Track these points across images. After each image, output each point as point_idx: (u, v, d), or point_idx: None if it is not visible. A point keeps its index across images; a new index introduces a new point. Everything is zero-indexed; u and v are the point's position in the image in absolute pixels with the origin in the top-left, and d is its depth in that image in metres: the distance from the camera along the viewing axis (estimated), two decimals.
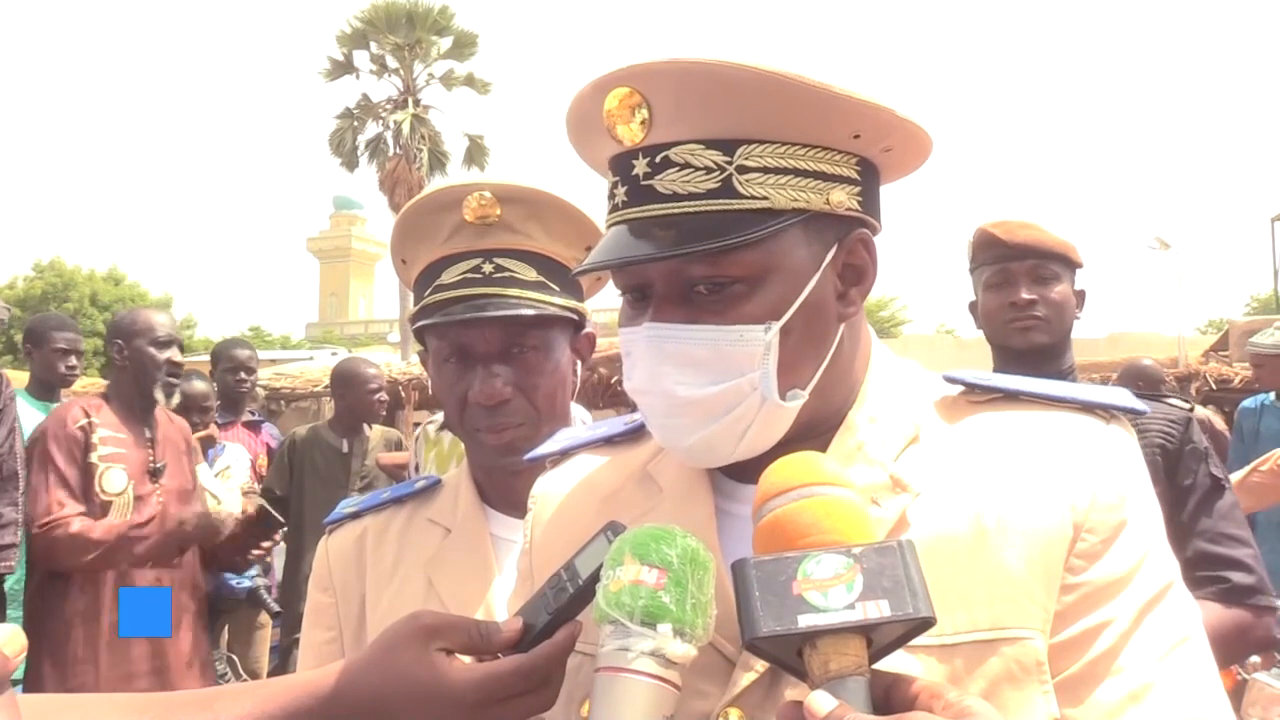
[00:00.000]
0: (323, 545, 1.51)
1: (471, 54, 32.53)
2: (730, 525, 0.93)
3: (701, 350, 0.88)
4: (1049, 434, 0.91)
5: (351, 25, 32.13)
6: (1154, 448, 2.16)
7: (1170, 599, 0.87)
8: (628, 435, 1.09)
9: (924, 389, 0.98)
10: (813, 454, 0.82)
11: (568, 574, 0.87)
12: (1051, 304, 2.31)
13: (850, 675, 0.70)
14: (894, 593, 0.70)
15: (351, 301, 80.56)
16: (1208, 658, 0.87)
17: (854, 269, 0.94)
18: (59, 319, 4.93)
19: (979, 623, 0.83)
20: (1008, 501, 0.87)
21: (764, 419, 0.90)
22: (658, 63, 0.87)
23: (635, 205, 0.90)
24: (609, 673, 0.78)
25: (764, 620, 0.70)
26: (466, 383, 1.40)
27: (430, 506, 1.49)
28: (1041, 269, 2.33)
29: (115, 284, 36.66)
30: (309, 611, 1.49)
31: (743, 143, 0.88)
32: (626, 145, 0.90)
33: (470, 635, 0.86)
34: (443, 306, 1.40)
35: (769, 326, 0.88)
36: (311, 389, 11.16)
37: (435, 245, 1.43)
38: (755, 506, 0.78)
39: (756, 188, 0.87)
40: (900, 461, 0.91)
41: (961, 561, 0.84)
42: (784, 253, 0.89)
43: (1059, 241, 2.34)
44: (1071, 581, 0.85)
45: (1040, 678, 0.83)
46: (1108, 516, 0.87)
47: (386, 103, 32.35)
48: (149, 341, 3.53)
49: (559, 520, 1.05)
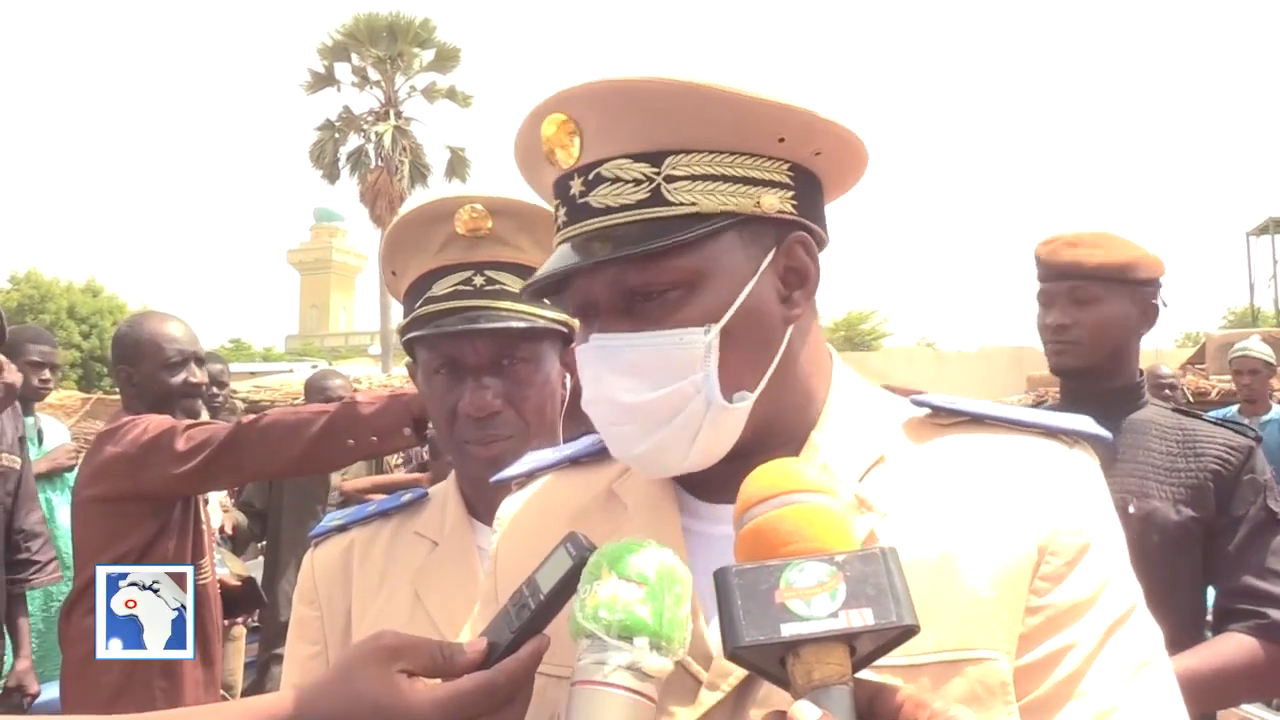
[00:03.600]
0: (308, 558, 1.50)
1: (453, 67, 32.53)
2: (697, 544, 0.93)
3: (644, 356, 0.90)
4: (1014, 458, 0.92)
5: (333, 38, 32.07)
6: (1207, 473, 2.12)
7: (1133, 622, 0.88)
8: (593, 455, 1.09)
9: (890, 411, 0.99)
10: (794, 461, 0.82)
11: (529, 590, 0.86)
12: (1089, 326, 2.26)
13: (834, 684, 0.70)
14: (878, 601, 0.70)
15: (332, 314, 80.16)
16: (1171, 681, 0.87)
17: (795, 272, 0.95)
18: (34, 331, 4.85)
19: (945, 643, 0.83)
20: (973, 523, 0.88)
21: (712, 423, 0.90)
22: (578, 86, 0.90)
23: (574, 223, 0.93)
24: (585, 686, 0.78)
25: (746, 629, 0.70)
26: (456, 395, 1.40)
27: (417, 520, 1.49)
28: (1080, 291, 2.27)
29: (93, 296, 36.29)
30: (294, 625, 1.48)
31: (669, 153, 0.90)
32: (564, 168, 0.94)
33: (433, 656, 0.85)
34: (434, 318, 1.40)
35: (708, 328, 0.89)
36: (291, 401, 11.10)
37: (426, 257, 1.43)
38: (736, 514, 0.78)
39: (684, 195, 0.89)
40: (866, 482, 0.91)
41: (927, 582, 0.84)
42: (718, 257, 0.90)
43: (1108, 261, 2.26)
44: (1036, 604, 0.86)
45: (1005, 699, 0.83)
46: (1071, 540, 0.88)
47: (368, 115, 32.29)
48: (158, 365, 2.93)
49: (524, 542, 1.05)
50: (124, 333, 3.04)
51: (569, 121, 0.91)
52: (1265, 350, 5.99)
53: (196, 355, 3.03)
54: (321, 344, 65.26)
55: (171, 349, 2.95)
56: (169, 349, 2.94)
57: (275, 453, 2.43)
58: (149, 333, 2.97)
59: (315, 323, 78.53)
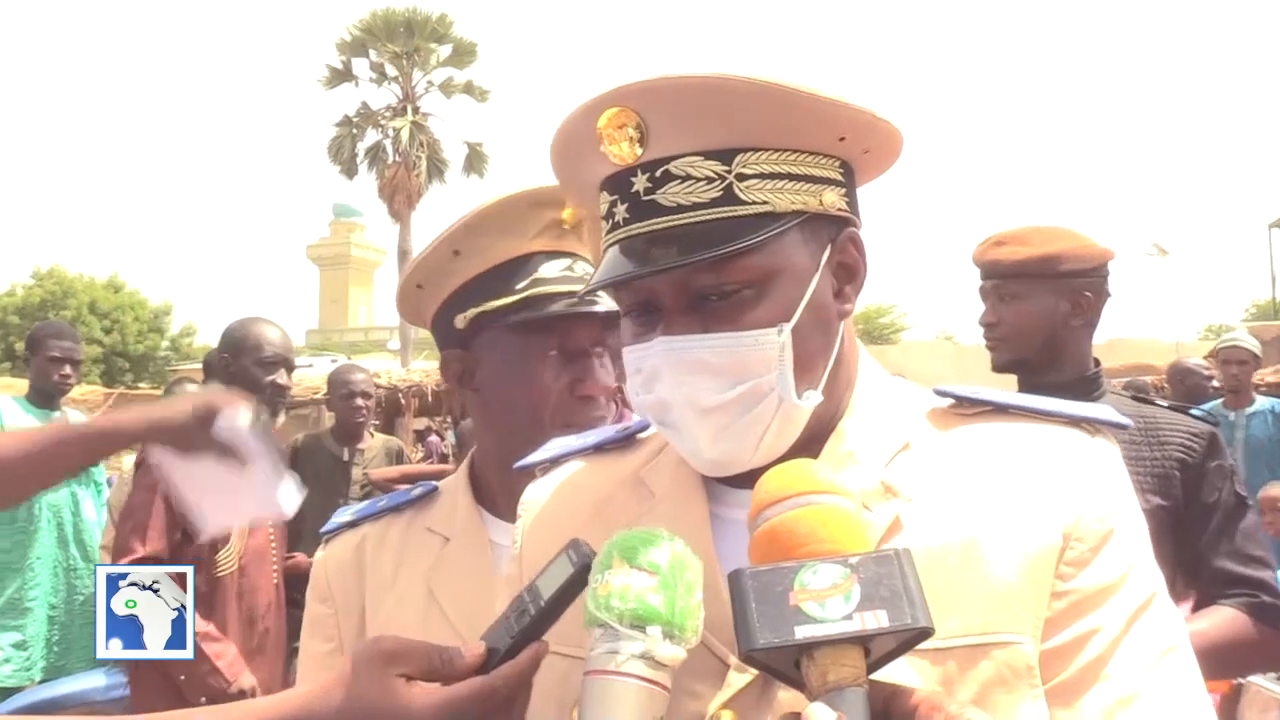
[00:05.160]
0: (320, 555, 1.49)
1: (470, 62, 32.63)
2: (724, 530, 0.94)
3: (719, 357, 0.89)
4: (1038, 445, 0.93)
5: (351, 33, 32.22)
6: (1172, 461, 2.12)
7: (1156, 608, 0.88)
8: (618, 442, 1.10)
9: (914, 401, 1.00)
10: (808, 462, 0.82)
11: (530, 595, 0.86)
12: (1011, 323, 2.32)
13: (849, 686, 0.69)
14: (892, 603, 0.69)
15: (351, 308, 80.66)
16: (1194, 667, 0.88)
17: (846, 268, 0.97)
18: (57, 327, 4.89)
19: (970, 627, 0.83)
20: (998, 509, 0.89)
21: (781, 421, 0.91)
22: (652, 80, 0.88)
23: (639, 221, 0.91)
24: (598, 676, 0.78)
25: (760, 632, 0.70)
26: (570, 374, 1.41)
27: (428, 515, 1.48)
28: (1002, 288, 2.33)
29: (115, 291, 36.55)
30: (307, 622, 1.48)
31: (739, 151, 0.89)
32: (622, 163, 0.92)
33: (431, 660, 0.85)
34: (548, 300, 1.41)
35: (781, 328, 0.89)
36: (311, 396, 11.15)
37: (522, 239, 1.43)
38: (751, 515, 0.78)
39: (756, 193, 0.89)
40: (891, 468, 0.92)
41: (953, 567, 0.85)
42: (786, 255, 0.91)
43: (1027, 257, 2.30)
44: (1061, 589, 0.86)
45: (1030, 681, 0.84)
46: (1095, 526, 0.88)
47: (386, 110, 32.44)
48: (255, 361, 3.28)
49: (549, 527, 1.05)
50: (236, 326, 3.40)
51: (626, 114, 0.90)
52: (1253, 343, 6.00)
53: (289, 361, 3.38)
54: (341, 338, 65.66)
55: (270, 350, 3.30)
56: (268, 349, 3.30)
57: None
58: (255, 331, 3.34)
59: (334, 317, 79.04)
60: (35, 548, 4.30)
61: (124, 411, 0.77)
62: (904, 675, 0.75)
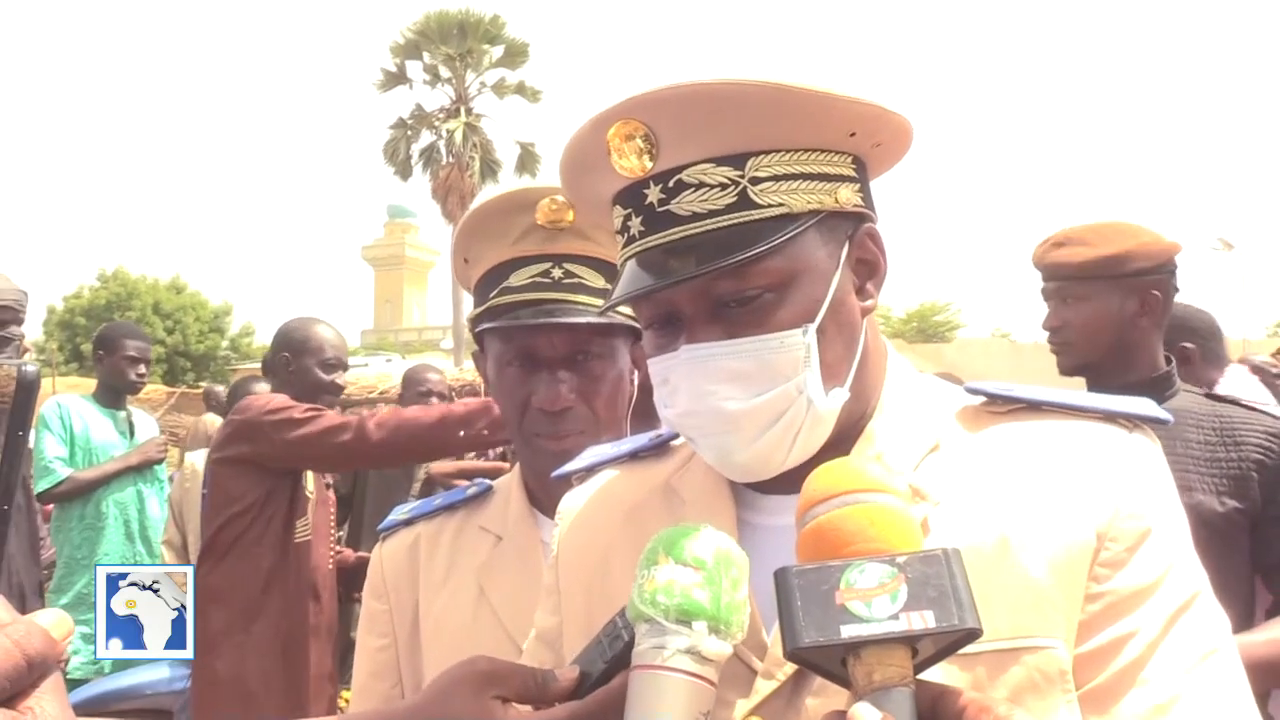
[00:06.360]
0: (376, 552, 1.52)
1: (523, 62, 32.81)
2: (752, 535, 0.93)
3: (745, 363, 0.89)
4: (1072, 443, 0.91)
5: (404, 36, 32.57)
6: (1249, 461, 2.05)
7: (1198, 609, 0.86)
8: (652, 450, 1.10)
9: (945, 399, 0.98)
10: (857, 459, 0.82)
11: (622, 621, 0.86)
12: (1078, 327, 2.26)
13: (895, 686, 0.69)
14: (939, 603, 0.69)
15: (405, 308, 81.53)
16: (1238, 670, 0.85)
17: (866, 263, 0.96)
18: (130, 327, 5.03)
19: (1001, 631, 0.82)
20: (1030, 510, 0.87)
21: (811, 422, 0.90)
22: (658, 90, 0.88)
23: (655, 232, 0.91)
24: (645, 670, 0.78)
25: (806, 630, 0.70)
26: (529, 387, 1.39)
27: (482, 514, 1.49)
28: (1065, 290, 2.28)
29: (177, 292, 37.34)
30: (364, 618, 1.51)
31: (750, 155, 0.89)
32: (634, 176, 0.91)
33: (527, 683, 0.85)
34: (510, 309, 1.39)
35: (806, 329, 0.89)
36: (366, 395, 11.31)
37: (503, 246, 1.42)
38: (798, 514, 0.78)
39: (772, 196, 0.89)
40: (920, 470, 0.91)
41: (983, 570, 0.83)
42: (805, 256, 0.90)
43: (1092, 258, 2.24)
44: (1096, 590, 0.84)
45: (1064, 687, 0.82)
46: (1131, 525, 0.86)
47: (439, 112, 32.74)
48: (317, 362, 3.39)
49: (584, 534, 1.06)
50: (295, 327, 3.50)
51: (634, 125, 0.89)
52: None
53: (345, 363, 3.53)
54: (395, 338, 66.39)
55: (330, 352, 3.43)
56: (329, 351, 3.43)
57: (399, 452, 3.04)
58: (316, 332, 3.46)
59: (389, 317, 79.93)
60: (103, 544, 4.39)
61: None
62: (933, 678, 0.74)
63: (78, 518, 4.41)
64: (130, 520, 4.51)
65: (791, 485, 0.82)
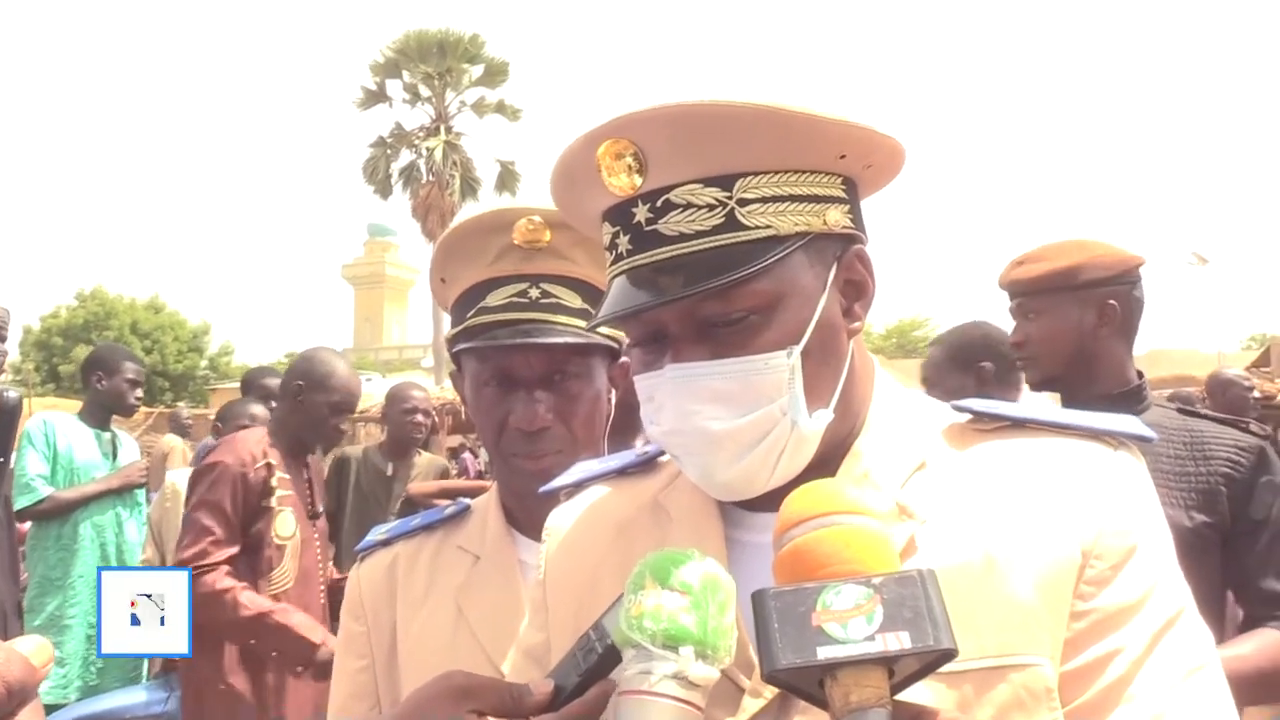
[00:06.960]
0: (354, 573, 1.51)
1: (502, 81, 32.92)
2: (740, 553, 0.94)
3: (729, 384, 0.89)
4: (1057, 460, 0.91)
5: (384, 55, 32.63)
6: (1218, 476, 2.06)
7: (1182, 626, 0.86)
8: (640, 466, 1.10)
9: (931, 417, 0.99)
10: (834, 481, 0.82)
11: (596, 634, 0.86)
12: (1038, 340, 2.31)
13: (872, 707, 0.69)
14: (915, 624, 0.69)
15: (385, 327, 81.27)
16: (1222, 686, 0.86)
17: (854, 285, 0.96)
18: (125, 350, 5.04)
19: (987, 649, 0.82)
20: (1015, 528, 0.87)
21: (795, 444, 0.90)
22: (649, 110, 0.88)
23: (642, 252, 0.91)
24: (632, 695, 0.78)
25: (783, 652, 0.70)
26: (506, 407, 1.39)
27: (460, 533, 1.49)
28: (1025, 306, 2.34)
29: (155, 312, 37.14)
30: (341, 640, 1.50)
31: (739, 176, 0.89)
32: (623, 194, 0.92)
33: (502, 697, 0.85)
34: (487, 329, 1.39)
35: (790, 351, 0.89)
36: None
37: (480, 267, 1.42)
38: (775, 535, 0.78)
39: (759, 218, 0.89)
40: (906, 489, 0.91)
41: (969, 588, 0.84)
42: (792, 278, 0.90)
43: (1045, 272, 2.29)
44: (1081, 608, 0.85)
45: (1050, 704, 0.83)
46: (1116, 542, 0.87)
47: (419, 130, 32.78)
48: (328, 402, 3.38)
49: (573, 551, 1.06)
50: (321, 360, 3.47)
51: (623, 144, 0.89)
52: None
53: (353, 410, 3.56)
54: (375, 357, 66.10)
55: (344, 397, 3.40)
56: (342, 396, 3.39)
57: None
58: (340, 373, 3.42)
59: (369, 336, 79.64)
60: (77, 566, 4.36)
61: None
62: (920, 698, 0.75)
63: (54, 538, 4.37)
64: (107, 543, 4.48)
65: (779, 503, 0.83)
